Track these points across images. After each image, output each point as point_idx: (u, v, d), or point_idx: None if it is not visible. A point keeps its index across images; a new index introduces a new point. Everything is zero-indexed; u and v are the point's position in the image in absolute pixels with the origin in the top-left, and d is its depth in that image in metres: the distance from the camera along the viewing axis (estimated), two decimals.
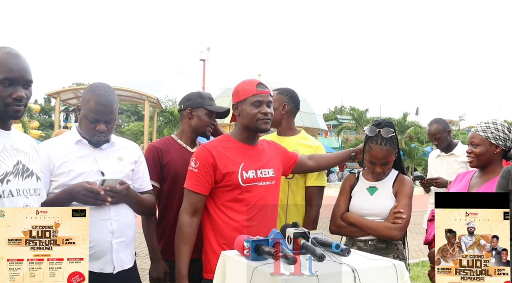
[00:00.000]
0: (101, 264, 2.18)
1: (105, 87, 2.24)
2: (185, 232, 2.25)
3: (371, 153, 2.54)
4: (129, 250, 2.30)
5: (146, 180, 2.47)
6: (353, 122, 32.39)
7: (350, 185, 2.73)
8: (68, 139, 2.28)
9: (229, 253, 1.88)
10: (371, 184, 2.66)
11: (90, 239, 2.10)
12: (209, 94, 2.89)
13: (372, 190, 2.65)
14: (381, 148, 2.51)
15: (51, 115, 51.56)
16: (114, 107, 2.23)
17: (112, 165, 2.28)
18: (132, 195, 2.27)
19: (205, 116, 2.77)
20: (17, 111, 1.80)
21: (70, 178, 2.16)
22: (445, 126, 4.29)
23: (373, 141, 2.54)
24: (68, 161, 2.20)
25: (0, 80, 1.74)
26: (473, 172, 2.72)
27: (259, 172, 2.34)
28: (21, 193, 1.78)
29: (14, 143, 1.83)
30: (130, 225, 2.30)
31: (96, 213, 2.14)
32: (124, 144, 2.44)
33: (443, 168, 4.28)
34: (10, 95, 1.76)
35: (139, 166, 2.43)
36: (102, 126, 2.20)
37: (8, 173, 1.74)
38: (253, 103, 2.28)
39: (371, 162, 2.57)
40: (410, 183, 2.65)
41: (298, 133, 2.94)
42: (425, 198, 4.91)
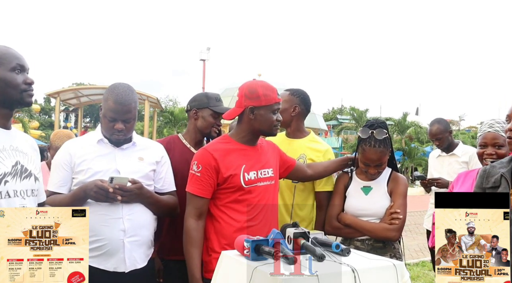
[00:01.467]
0: (115, 263, 2.20)
1: (124, 87, 2.28)
2: (193, 236, 2.25)
3: (365, 155, 2.53)
4: (143, 249, 2.30)
5: (168, 181, 2.47)
6: (353, 122, 32.39)
7: (344, 185, 2.70)
8: (91, 138, 2.35)
9: (229, 253, 1.88)
10: (365, 183, 2.64)
11: (101, 237, 2.15)
12: (216, 95, 2.85)
13: (367, 189, 2.62)
14: (375, 150, 2.49)
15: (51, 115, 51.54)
16: (132, 106, 2.25)
17: (131, 164, 2.30)
18: (146, 195, 2.27)
19: (209, 117, 2.76)
20: (31, 96, 1.86)
21: (88, 176, 2.22)
22: (447, 127, 4.29)
23: (367, 143, 2.52)
24: (87, 159, 2.26)
25: (13, 67, 1.80)
26: (475, 171, 2.69)
27: (260, 173, 2.34)
28: (18, 194, 1.78)
29: (14, 143, 1.84)
30: (144, 225, 2.29)
31: (109, 211, 2.18)
32: (147, 144, 2.46)
33: (444, 168, 4.28)
34: (23, 82, 1.82)
35: (161, 167, 2.44)
36: (120, 125, 2.24)
37: (6, 174, 1.75)
38: (273, 111, 2.31)
39: (365, 163, 2.55)
40: (404, 181, 2.64)
41: (307, 135, 2.91)
42: (425, 198, 4.91)
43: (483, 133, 2.63)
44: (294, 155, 2.81)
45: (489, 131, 2.57)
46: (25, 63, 1.85)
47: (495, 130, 2.53)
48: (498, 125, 2.52)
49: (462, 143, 4.39)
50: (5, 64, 1.79)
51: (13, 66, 1.80)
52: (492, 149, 2.51)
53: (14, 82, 1.79)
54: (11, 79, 1.79)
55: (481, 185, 2.16)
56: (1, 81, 1.78)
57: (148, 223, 2.32)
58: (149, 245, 2.35)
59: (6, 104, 1.82)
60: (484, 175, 2.17)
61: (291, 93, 2.88)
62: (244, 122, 2.34)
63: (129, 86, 2.31)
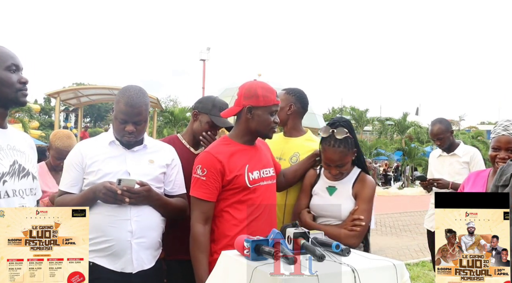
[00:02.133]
0: (122, 263, 2.21)
1: (135, 89, 2.29)
2: (201, 241, 2.24)
3: (325, 155, 2.42)
4: (150, 251, 2.31)
5: (178, 184, 2.47)
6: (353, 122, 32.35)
7: (310, 183, 2.59)
8: (103, 140, 2.37)
9: (229, 253, 1.88)
10: (331, 183, 2.52)
11: (109, 237, 2.17)
12: (222, 104, 2.76)
13: (332, 190, 2.51)
14: (334, 150, 2.37)
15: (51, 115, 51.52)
16: (142, 109, 2.26)
17: (141, 167, 2.31)
18: (154, 197, 2.27)
19: (206, 124, 2.73)
20: (25, 95, 1.87)
21: (98, 177, 2.24)
22: (448, 126, 4.28)
23: (327, 142, 2.40)
24: (98, 160, 2.27)
25: (7, 66, 1.81)
26: (487, 171, 2.67)
27: (262, 172, 2.35)
28: (17, 193, 1.79)
29: (11, 142, 1.84)
30: (153, 227, 2.30)
31: (117, 212, 2.19)
32: (158, 147, 2.47)
33: (444, 168, 4.27)
34: (18, 81, 1.82)
35: (172, 169, 2.44)
36: (131, 127, 2.25)
37: (5, 174, 1.75)
38: (271, 112, 2.30)
39: (326, 163, 2.45)
40: (372, 184, 2.50)
41: (304, 134, 2.91)
42: (425, 198, 4.91)
43: (497, 136, 2.54)
44: (288, 153, 2.81)
45: (503, 134, 2.50)
46: (20, 62, 1.85)
47: (510, 133, 2.46)
48: None
49: (463, 143, 4.39)
50: (0, 63, 1.79)
51: (8, 65, 1.80)
52: (505, 153, 2.46)
53: (9, 81, 1.80)
54: (6, 78, 1.79)
55: (496, 182, 2.20)
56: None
57: (156, 225, 2.32)
58: (157, 247, 2.36)
59: (1, 103, 1.82)
60: (499, 172, 2.20)
61: (286, 92, 2.89)
62: (241, 121, 2.34)
63: (140, 88, 2.31)
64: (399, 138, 28.63)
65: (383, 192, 21.07)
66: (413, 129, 28.46)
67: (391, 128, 29.40)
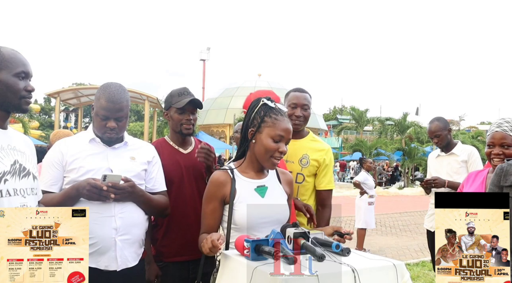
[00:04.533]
0: (106, 261, 2.20)
1: (116, 86, 2.29)
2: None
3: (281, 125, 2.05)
4: (134, 248, 2.30)
5: (159, 181, 2.48)
6: (353, 122, 32.37)
7: (223, 194, 2.04)
8: (83, 138, 2.36)
9: (229, 253, 1.88)
10: (257, 182, 2.09)
11: (93, 235, 2.13)
12: (179, 90, 2.77)
13: (262, 190, 2.09)
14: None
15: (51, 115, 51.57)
16: (123, 105, 2.27)
17: (123, 163, 2.31)
18: (138, 193, 2.27)
19: (175, 115, 2.75)
20: (29, 103, 1.88)
21: (80, 174, 2.22)
22: (446, 124, 4.29)
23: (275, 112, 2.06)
24: (79, 158, 2.26)
25: (17, 73, 1.82)
26: (486, 170, 2.68)
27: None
28: (18, 192, 1.79)
29: (11, 142, 1.84)
30: (136, 223, 2.29)
31: (101, 209, 2.18)
32: (138, 144, 2.48)
33: (443, 168, 4.28)
34: (24, 88, 1.83)
35: (153, 166, 2.44)
36: (112, 123, 2.26)
37: (6, 173, 1.75)
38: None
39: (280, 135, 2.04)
40: (290, 177, 2.26)
41: (307, 135, 2.92)
42: (425, 198, 4.90)
43: (491, 133, 2.58)
44: (296, 156, 2.81)
45: (497, 131, 2.53)
46: (30, 70, 1.86)
47: (503, 130, 2.49)
48: (507, 124, 2.48)
49: (461, 142, 4.39)
50: (11, 68, 1.80)
51: (18, 72, 1.81)
52: (499, 149, 2.48)
53: (15, 87, 1.80)
54: (13, 84, 1.80)
55: (498, 183, 2.17)
56: (2, 84, 1.78)
57: (140, 222, 2.32)
58: (140, 244, 2.36)
59: (3, 107, 1.83)
60: (501, 173, 2.17)
61: (286, 94, 2.92)
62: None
63: (120, 85, 2.32)
64: (399, 138, 28.65)
65: (383, 192, 21.07)
66: (413, 129, 28.48)
67: (391, 128, 29.41)
